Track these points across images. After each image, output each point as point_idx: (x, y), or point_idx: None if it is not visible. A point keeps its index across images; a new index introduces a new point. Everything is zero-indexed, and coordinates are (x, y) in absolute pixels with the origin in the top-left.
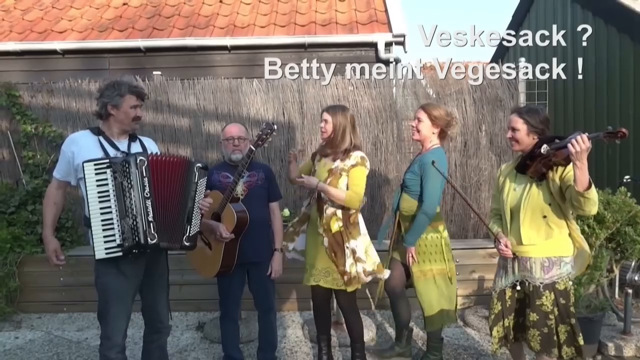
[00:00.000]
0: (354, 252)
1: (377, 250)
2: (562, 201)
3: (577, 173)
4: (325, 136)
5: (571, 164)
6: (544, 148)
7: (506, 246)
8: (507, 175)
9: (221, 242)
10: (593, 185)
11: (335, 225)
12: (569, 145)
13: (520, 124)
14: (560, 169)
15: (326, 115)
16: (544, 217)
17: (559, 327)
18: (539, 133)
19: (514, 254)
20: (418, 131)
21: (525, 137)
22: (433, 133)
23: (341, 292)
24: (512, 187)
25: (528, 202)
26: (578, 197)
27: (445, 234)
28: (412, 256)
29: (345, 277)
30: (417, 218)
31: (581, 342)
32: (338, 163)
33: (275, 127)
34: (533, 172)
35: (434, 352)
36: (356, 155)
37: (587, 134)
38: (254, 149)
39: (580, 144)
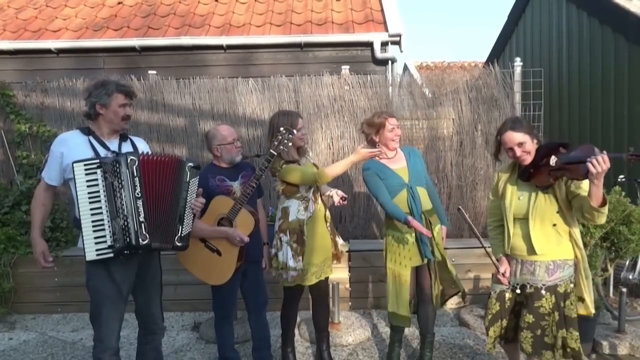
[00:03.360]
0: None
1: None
2: (568, 209)
3: (593, 190)
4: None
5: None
6: (553, 160)
7: (504, 274)
8: (508, 182)
9: (235, 247)
10: (607, 204)
11: (324, 210)
12: (590, 166)
13: (522, 137)
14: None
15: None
16: (554, 225)
17: (559, 332)
18: (535, 137)
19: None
20: (392, 140)
21: (532, 146)
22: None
23: (325, 281)
24: (515, 195)
25: (536, 211)
26: (592, 212)
27: None
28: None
29: (336, 257)
30: (436, 197)
31: (577, 345)
32: (307, 158)
33: (295, 131)
34: (539, 182)
35: (430, 349)
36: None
37: (605, 152)
38: (275, 153)
39: (602, 165)
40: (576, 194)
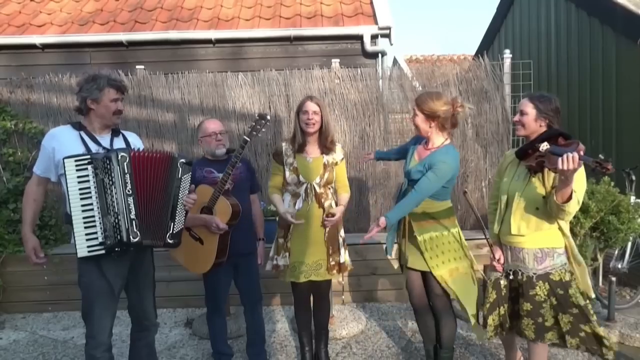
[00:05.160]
0: (344, 240)
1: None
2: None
3: (560, 184)
4: (318, 127)
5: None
6: (544, 146)
7: (498, 261)
8: (511, 163)
9: (215, 235)
10: (574, 200)
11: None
12: (559, 160)
13: (529, 108)
14: None
15: (316, 107)
16: (537, 209)
17: (561, 316)
18: (547, 121)
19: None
20: (416, 126)
21: (532, 122)
22: (430, 127)
23: (326, 282)
24: (513, 176)
25: (524, 192)
26: (555, 206)
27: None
28: (374, 231)
29: (336, 268)
30: (410, 195)
31: (596, 327)
32: (326, 157)
33: (269, 117)
34: (527, 162)
35: None
36: (339, 149)
37: (582, 152)
38: (248, 139)
39: (570, 163)
40: (554, 186)
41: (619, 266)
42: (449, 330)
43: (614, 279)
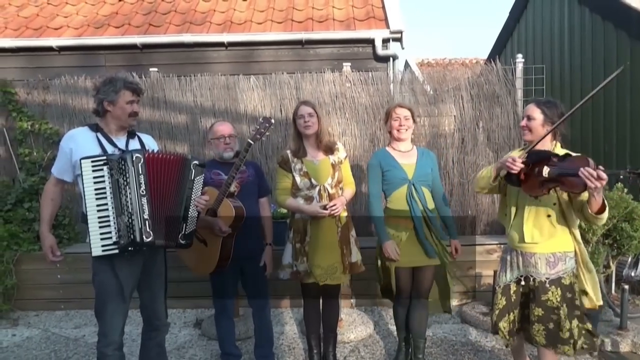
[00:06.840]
0: (356, 241)
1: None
2: (567, 205)
3: (592, 200)
4: (316, 128)
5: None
6: (546, 170)
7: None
8: None
9: (218, 237)
10: (607, 209)
11: (344, 217)
12: (588, 182)
13: (537, 114)
14: None
15: (311, 110)
16: (548, 216)
17: (571, 323)
18: (552, 126)
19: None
20: (407, 129)
21: (539, 127)
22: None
23: (336, 284)
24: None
25: (533, 202)
26: (591, 217)
27: None
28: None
29: (348, 268)
30: (447, 211)
31: (589, 326)
32: (332, 157)
33: (273, 121)
34: (531, 191)
35: (423, 353)
36: (342, 147)
37: (600, 168)
38: (252, 142)
39: (596, 182)
40: (580, 198)
41: (632, 274)
42: (426, 319)
43: (626, 287)
